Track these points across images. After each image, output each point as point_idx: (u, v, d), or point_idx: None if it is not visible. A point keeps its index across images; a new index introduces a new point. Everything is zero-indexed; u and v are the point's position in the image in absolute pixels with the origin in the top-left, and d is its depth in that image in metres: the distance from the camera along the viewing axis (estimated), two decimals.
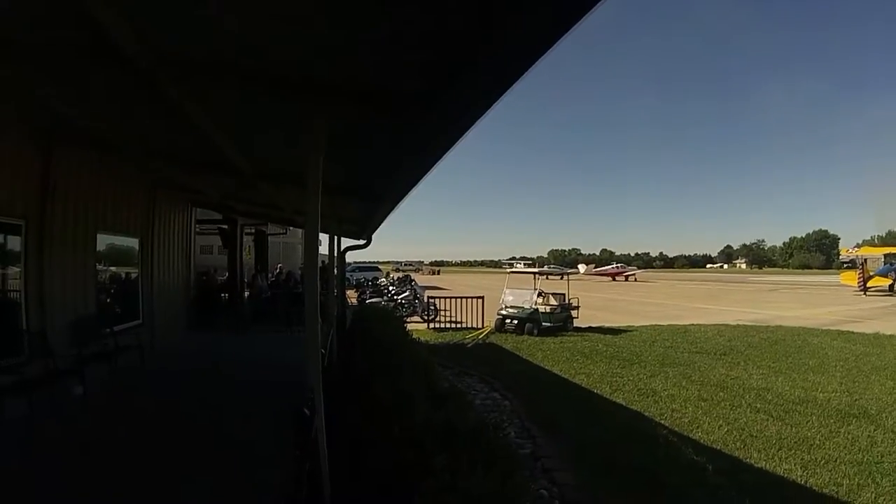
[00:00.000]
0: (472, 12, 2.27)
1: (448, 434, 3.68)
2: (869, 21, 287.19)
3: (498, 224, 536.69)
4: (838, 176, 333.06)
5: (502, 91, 2.66)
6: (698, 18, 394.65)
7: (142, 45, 3.52)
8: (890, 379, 13.36)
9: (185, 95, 4.56)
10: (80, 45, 3.76)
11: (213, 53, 3.64)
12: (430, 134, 3.93)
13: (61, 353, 8.44)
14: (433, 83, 3.12)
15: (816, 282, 71.18)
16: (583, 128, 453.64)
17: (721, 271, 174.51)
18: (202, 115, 5.12)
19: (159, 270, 13.46)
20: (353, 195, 7.94)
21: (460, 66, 2.70)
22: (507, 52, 2.34)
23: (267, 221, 21.17)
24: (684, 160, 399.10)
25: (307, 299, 4.18)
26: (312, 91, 3.78)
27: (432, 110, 3.44)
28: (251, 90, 4.22)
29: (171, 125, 5.77)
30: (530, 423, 9.39)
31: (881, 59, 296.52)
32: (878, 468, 7.89)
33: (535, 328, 20.56)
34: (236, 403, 8.56)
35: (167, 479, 5.70)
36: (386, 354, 6.53)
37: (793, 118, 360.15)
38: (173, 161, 9.04)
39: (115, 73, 4.19)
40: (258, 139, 6.30)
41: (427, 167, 5.06)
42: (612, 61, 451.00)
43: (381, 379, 5.31)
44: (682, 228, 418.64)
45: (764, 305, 36.17)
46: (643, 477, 7.31)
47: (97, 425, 7.47)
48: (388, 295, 28.06)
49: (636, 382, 13.03)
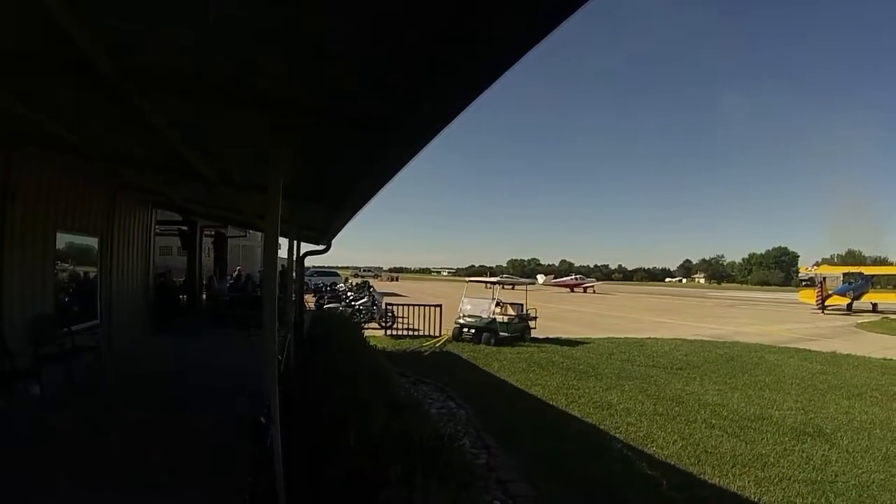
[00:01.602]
0: (426, 32, 2.27)
1: (405, 444, 3.67)
2: (829, 38, 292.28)
3: (457, 232, 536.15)
4: (799, 193, 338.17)
5: (462, 107, 2.67)
6: (654, 33, 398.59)
7: (107, 55, 3.48)
8: (845, 398, 13.61)
9: (148, 105, 4.51)
10: (45, 53, 3.70)
11: (173, 65, 3.61)
12: (388, 150, 3.93)
13: (18, 352, 8.27)
14: (391, 103, 3.13)
15: (775, 298, 72.36)
16: (540, 138, 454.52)
17: (680, 285, 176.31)
18: (166, 125, 5.07)
19: (118, 270, 13.26)
20: (313, 202, 7.91)
21: (419, 82, 2.70)
22: (467, 69, 2.34)
23: (227, 224, 21.02)
24: (644, 173, 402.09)
25: (265, 306, 4.14)
26: (273, 107, 3.77)
27: (390, 129, 3.45)
28: (213, 105, 4.19)
29: (134, 133, 5.70)
30: (486, 433, 9.38)
31: (844, 75, 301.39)
32: (832, 487, 8.02)
33: (493, 338, 20.60)
34: (193, 408, 8.45)
35: (118, 484, 5.61)
36: (344, 361, 6.49)
37: (754, 133, 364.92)
38: (136, 166, 8.94)
39: (80, 81, 4.13)
40: (222, 150, 6.25)
41: (386, 180, 5.05)
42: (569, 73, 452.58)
43: (338, 387, 5.28)
44: (642, 242, 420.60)
45: (722, 321, 36.75)
46: (598, 490, 7.36)
47: (52, 426, 7.34)
48: (346, 300, 27.87)
49: (592, 395, 13.09)
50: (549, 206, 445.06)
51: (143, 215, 15.23)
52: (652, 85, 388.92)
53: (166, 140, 5.51)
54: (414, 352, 18.68)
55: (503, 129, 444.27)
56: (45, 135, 6.92)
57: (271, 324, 3.99)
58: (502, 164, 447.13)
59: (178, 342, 15.02)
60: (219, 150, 6.27)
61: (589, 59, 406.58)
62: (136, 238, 14.59)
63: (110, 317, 12.66)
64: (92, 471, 5.91)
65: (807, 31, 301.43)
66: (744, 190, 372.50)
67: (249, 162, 6.21)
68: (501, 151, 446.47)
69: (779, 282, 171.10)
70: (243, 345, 14.60)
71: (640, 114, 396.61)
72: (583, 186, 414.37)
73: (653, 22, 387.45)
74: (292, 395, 6.31)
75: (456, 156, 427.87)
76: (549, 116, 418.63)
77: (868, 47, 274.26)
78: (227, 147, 5.96)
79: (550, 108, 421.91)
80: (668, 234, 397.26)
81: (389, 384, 5.87)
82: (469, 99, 2.54)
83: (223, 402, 8.36)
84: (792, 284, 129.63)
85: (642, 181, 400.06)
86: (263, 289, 4.82)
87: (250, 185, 7.83)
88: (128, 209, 13.89)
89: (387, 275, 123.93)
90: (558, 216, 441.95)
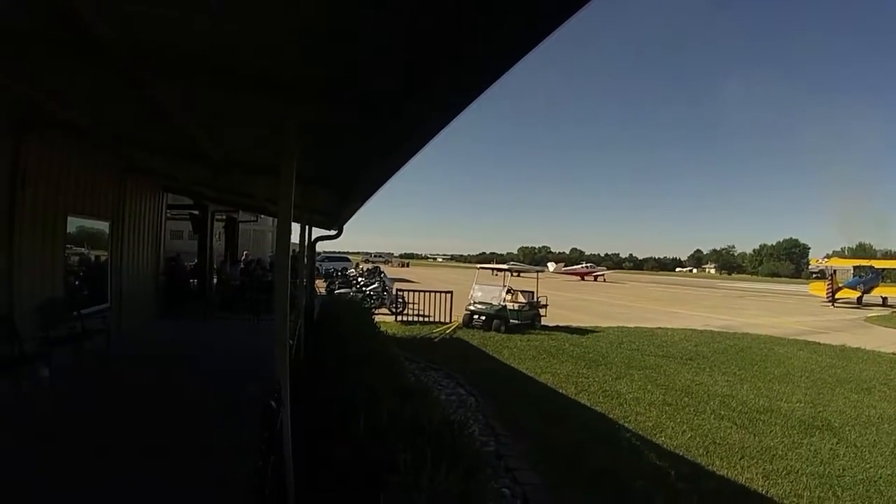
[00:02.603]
0: (446, 13, 2.24)
1: (414, 430, 3.67)
2: (840, 27, 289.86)
3: (469, 219, 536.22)
4: (811, 185, 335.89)
5: (479, 92, 2.63)
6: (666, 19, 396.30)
7: (117, 36, 3.47)
8: (854, 392, 13.54)
9: (159, 88, 4.51)
10: (57, 35, 3.69)
11: (187, 49, 3.60)
12: (402, 134, 3.90)
13: (28, 336, 8.30)
14: (405, 84, 3.10)
15: (785, 290, 72.03)
16: (555, 125, 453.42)
17: (690, 275, 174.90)
18: (177, 107, 5.08)
19: (129, 254, 13.31)
20: (325, 187, 7.90)
21: (432, 67, 2.67)
22: (483, 56, 2.30)
23: (238, 209, 21.01)
24: (656, 163, 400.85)
25: (277, 290, 4.12)
26: (286, 89, 3.77)
27: (404, 112, 3.43)
28: (225, 86, 4.17)
29: (145, 115, 5.71)
30: (494, 420, 9.41)
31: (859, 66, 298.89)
32: (840, 482, 7.98)
33: (503, 325, 20.57)
34: (203, 392, 8.49)
35: (129, 467, 5.64)
36: (354, 347, 6.49)
37: (766, 123, 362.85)
38: (146, 148, 8.96)
39: (91, 63, 4.13)
40: (233, 132, 6.25)
41: (399, 164, 5.03)
42: (584, 59, 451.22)
43: (348, 372, 5.28)
44: (653, 231, 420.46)
45: (732, 312, 36.53)
46: (606, 479, 7.35)
47: (63, 409, 7.40)
48: (356, 286, 27.87)
49: (601, 384, 13.08)
50: (560, 194, 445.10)
51: (154, 199, 15.26)
52: (661, 75, 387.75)
53: (177, 123, 5.51)
54: (424, 338, 18.65)
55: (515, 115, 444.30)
56: (55, 118, 6.94)
57: (283, 308, 3.98)
58: (513, 152, 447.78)
59: (188, 326, 15.12)
60: (231, 133, 6.27)
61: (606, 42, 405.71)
62: (146, 222, 14.63)
63: (120, 300, 12.72)
64: (99, 453, 5.95)
65: (813, 24, 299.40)
66: (755, 180, 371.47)
67: (261, 145, 6.21)
68: (514, 139, 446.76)
69: (789, 273, 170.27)
70: (253, 329, 14.69)
71: (650, 104, 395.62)
72: (596, 175, 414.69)
73: (654, 15, 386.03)
74: (302, 379, 6.31)
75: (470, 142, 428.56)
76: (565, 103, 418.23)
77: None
78: (239, 129, 5.95)
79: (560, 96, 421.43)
80: (679, 224, 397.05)
81: (399, 370, 5.87)
82: (484, 85, 2.51)
83: (233, 387, 8.36)
84: (802, 276, 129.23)
85: (655, 172, 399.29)
86: (275, 273, 4.80)
87: (261, 169, 7.83)
88: (139, 193, 13.92)
89: (397, 261, 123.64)
90: (569, 205, 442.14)
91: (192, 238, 20.77)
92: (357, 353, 6.03)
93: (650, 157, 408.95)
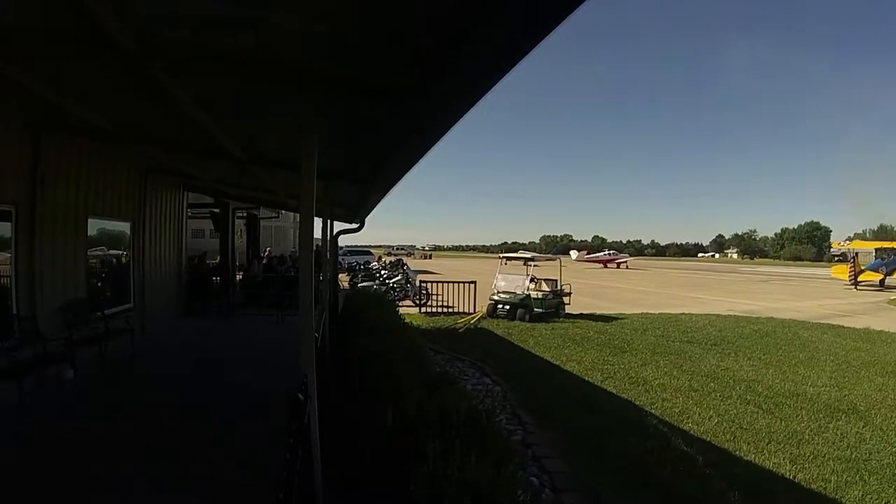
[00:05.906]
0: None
1: (442, 421, 3.67)
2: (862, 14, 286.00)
3: (491, 210, 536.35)
4: (831, 168, 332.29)
5: (500, 75, 2.62)
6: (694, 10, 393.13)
7: (132, 32, 3.48)
8: (879, 375, 13.39)
9: (177, 83, 4.52)
10: (71, 33, 3.71)
11: (205, 42, 3.61)
12: (423, 121, 3.90)
13: (52, 337, 8.37)
14: (426, 72, 3.09)
15: (807, 274, 71.25)
16: (577, 115, 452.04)
17: (712, 260, 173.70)
18: (195, 103, 5.08)
19: (151, 254, 13.39)
20: (346, 179, 7.91)
21: (453, 53, 2.66)
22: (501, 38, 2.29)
23: (259, 205, 21.06)
24: (677, 148, 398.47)
25: (302, 285, 4.14)
26: (306, 79, 3.77)
27: (425, 99, 3.42)
28: (244, 79, 4.19)
29: (163, 112, 5.72)
30: (521, 409, 9.40)
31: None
32: (866, 466, 7.91)
33: (527, 314, 20.58)
34: (229, 388, 8.56)
35: (159, 463, 5.69)
36: (379, 339, 6.51)
37: (786, 108, 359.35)
38: (166, 147, 8.98)
39: (106, 61, 4.14)
40: (252, 126, 6.27)
41: (420, 154, 5.03)
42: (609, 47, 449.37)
43: (374, 364, 5.30)
44: (674, 217, 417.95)
45: (755, 296, 36.29)
46: (633, 467, 7.34)
47: (88, 409, 7.48)
48: (380, 279, 27.89)
49: (627, 371, 13.06)
50: (580, 183, 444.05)
51: (175, 199, 15.36)
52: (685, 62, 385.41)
53: (196, 118, 5.52)
54: (449, 329, 18.73)
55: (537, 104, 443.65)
56: (73, 119, 6.97)
57: (308, 304, 4.00)
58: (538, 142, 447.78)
59: (212, 324, 15.20)
60: (250, 127, 6.29)
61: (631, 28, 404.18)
62: (167, 221, 14.72)
63: (143, 300, 12.82)
64: (125, 450, 6.02)
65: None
66: (777, 165, 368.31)
67: (282, 138, 6.22)
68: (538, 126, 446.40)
69: (811, 257, 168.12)
70: (277, 325, 14.83)
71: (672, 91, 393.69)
72: (616, 163, 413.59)
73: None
74: (327, 372, 6.34)
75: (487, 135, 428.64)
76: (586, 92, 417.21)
77: None
78: (259, 123, 5.97)
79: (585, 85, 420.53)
80: (700, 209, 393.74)
81: (425, 361, 5.88)
82: (504, 69, 2.50)
83: (258, 381, 8.44)
84: (824, 260, 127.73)
85: (676, 157, 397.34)
86: (299, 268, 4.82)
87: (282, 164, 7.85)
88: (159, 193, 14.01)
89: (420, 253, 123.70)
90: (591, 193, 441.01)
91: (214, 237, 20.86)
92: (383, 345, 6.05)
93: (669, 144, 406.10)
